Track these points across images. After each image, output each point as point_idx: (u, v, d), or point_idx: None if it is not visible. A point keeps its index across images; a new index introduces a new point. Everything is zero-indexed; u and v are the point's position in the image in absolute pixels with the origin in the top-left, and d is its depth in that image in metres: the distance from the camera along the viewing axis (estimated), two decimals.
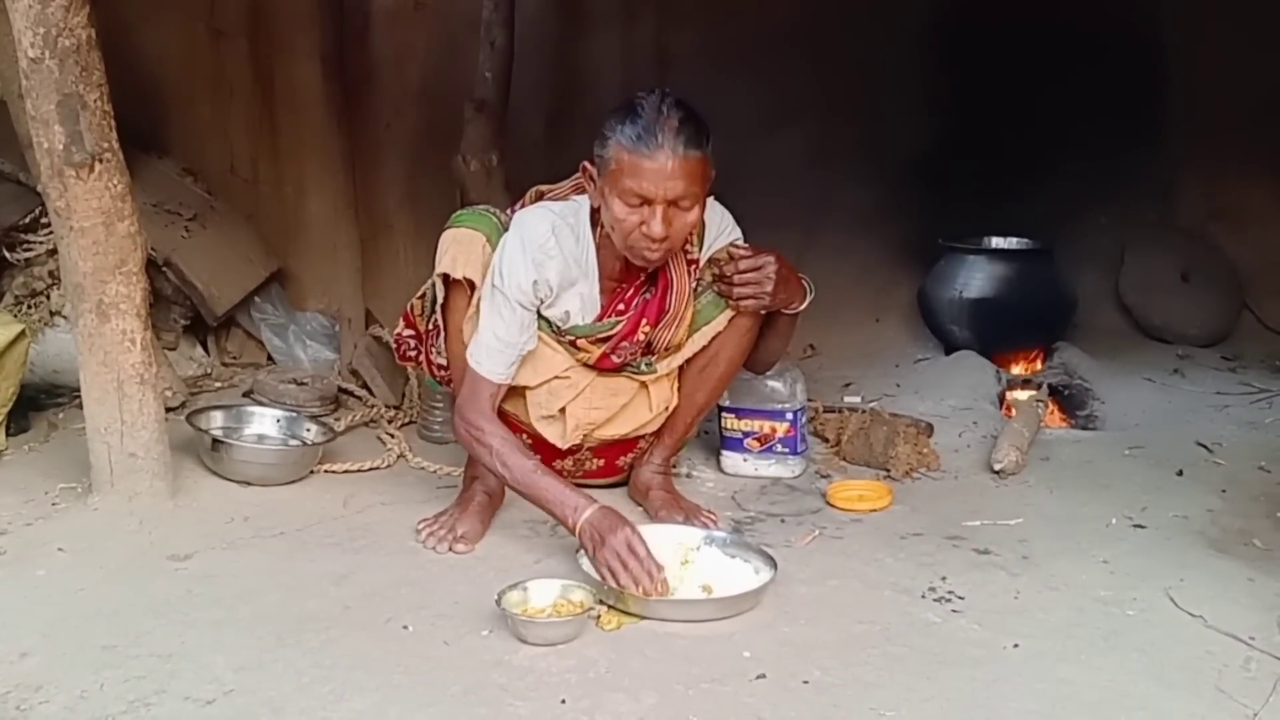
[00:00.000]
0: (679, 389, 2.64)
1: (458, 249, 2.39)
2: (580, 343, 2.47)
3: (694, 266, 2.48)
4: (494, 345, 2.34)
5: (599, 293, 2.44)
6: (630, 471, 2.72)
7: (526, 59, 4.00)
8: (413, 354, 2.66)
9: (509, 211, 2.48)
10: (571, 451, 2.61)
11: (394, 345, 2.75)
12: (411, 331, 2.65)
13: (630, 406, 2.60)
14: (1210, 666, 1.89)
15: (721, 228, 2.52)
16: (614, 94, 4.38)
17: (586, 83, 4.45)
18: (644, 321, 2.47)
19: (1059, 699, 1.79)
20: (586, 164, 2.32)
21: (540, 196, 2.52)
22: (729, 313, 2.52)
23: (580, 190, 2.46)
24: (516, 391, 2.53)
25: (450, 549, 2.36)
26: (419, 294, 2.62)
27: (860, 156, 4.46)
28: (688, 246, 2.42)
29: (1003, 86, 4.39)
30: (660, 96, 2.21)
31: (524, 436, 2.61)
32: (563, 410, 2.54)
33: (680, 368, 2.61)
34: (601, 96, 4.39)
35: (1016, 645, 1.97)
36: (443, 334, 2.49)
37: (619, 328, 2.45)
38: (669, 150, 2.16)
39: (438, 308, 2.47)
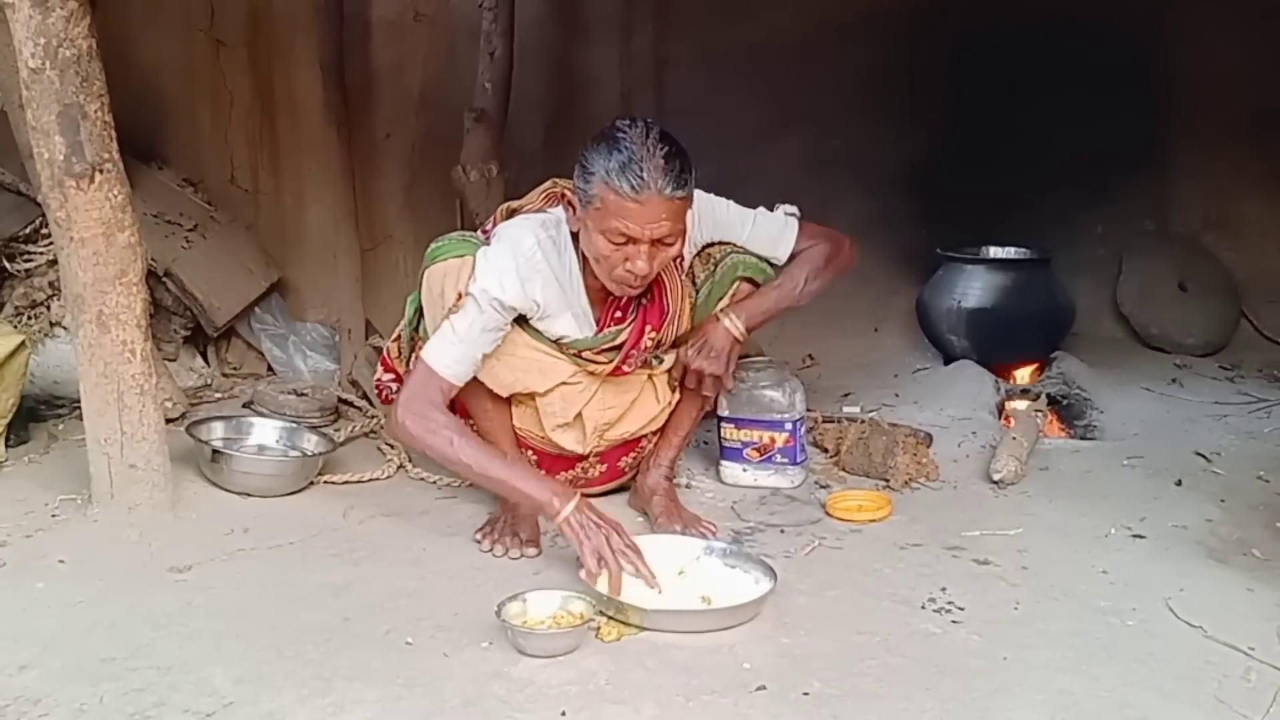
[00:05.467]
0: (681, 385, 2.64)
1: (448, 281, 2.33)
2: (587, 355, 2.47)
3: (679, 260, 2.46)
4: (450, 338, 2.30)
5: (589, 304, 2.43)
6: (630, 477, 2.72)
7: (526, 68, 4.01)
8: (395, 397, 2.66)
9: (481, 234, 2.47)
10: (577, 459, 2.62)
11: (375, 390, 2.74)
12: (391, 375, 2.65)
13: (639, 401, 2.60)
14: (1210, 677, 1.89)
15: (699, 216, 2.45)
16: (613, 103, 4.41)
17: (586, 92, 4.46)
18: (648, 328, 2.47)
19: (1058, 709, 1.79)
20: (567, 191, 2.32)
21: (511, 213, 2.51)
22: (725, 303, 2.52)
23: (551, 200, 2.46)
24: (526, 403, 2.53)
25: (522, 554, 2.37)
26: (394, 336, 2.62)
27: (857, 166, 4.47)
28: None
29: (999, 96, 4.41)
30: (644, 130, 2.18)
31: (529, 454, 2.60)
32: (579, 415, 2.55)
33: None
34: (600, 106, 4.41)
35: (1016, 655, 1.96)
36: None
37: (623, 336, 2.45)
38: (656, 192, 2.14)
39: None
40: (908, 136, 4.48)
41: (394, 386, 2.64)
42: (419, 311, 2.47)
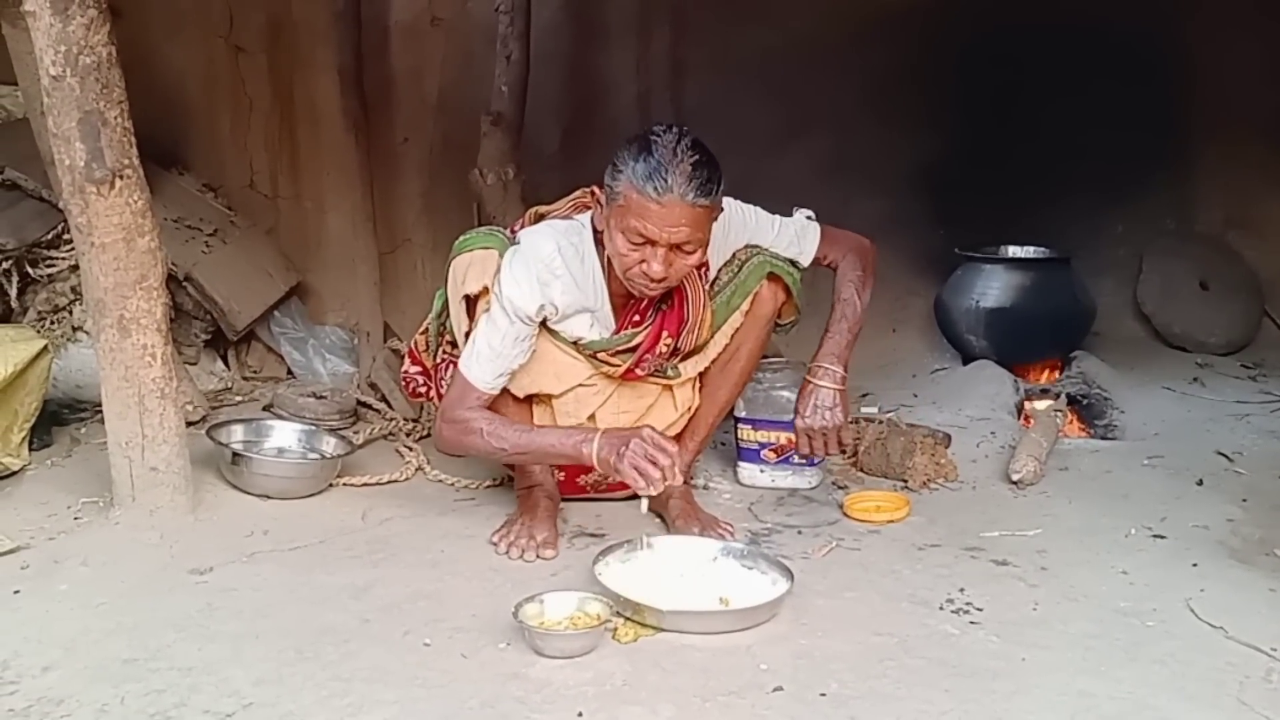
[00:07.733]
0: (700, 389, 2.65)
1: (472, 270, 2.40)
2: (602, 356, 2.48)
3: (704, 269, 2.48)
4: (485, 353, 2.36)
5: (610, 309, 2.45)
6: None
7: (542, 72, 4.02)
8: (423, 390, 2.68)
9: (510, 232, 2.50)
10: None
11: (402, 383, 2.77)
12: (419, 368, 2.67)
13: (656, 407, 2.61)
14: (1231, 678, 1.88)
15: (728, 223, 2.47)
16: (629, 107, 4.41)
17: (602, 96, 4.47)
18: (665, 334, 2.48)
19: (1078, 711, 1.78)
20: (596, 189, 2.35)
21: (540, 218, 2.54)
22: (745, 305, 2.54)
23: (579, 209, 2.48)
24: (543, 404, 2.55)
25: (537, 556, 2.38)
26: (421, 329, 2.64)
27: (875, 167, 4.46)
28: None
29: (1020, 94, 4.39)
30: (677, 136, 2.20)
31: None
32: (592, 417, 2.55)
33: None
34: (617, 109, 4.42)
35: (1035, 657, 1.96)
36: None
37: (639, 339, 2.46)
38: (678, 197, 2.16)
39: (461, 333, 2.48)
40: (925, 138, 4.46)
41: (420, 379, 2.67)
42: (446, 305, 2.50)
